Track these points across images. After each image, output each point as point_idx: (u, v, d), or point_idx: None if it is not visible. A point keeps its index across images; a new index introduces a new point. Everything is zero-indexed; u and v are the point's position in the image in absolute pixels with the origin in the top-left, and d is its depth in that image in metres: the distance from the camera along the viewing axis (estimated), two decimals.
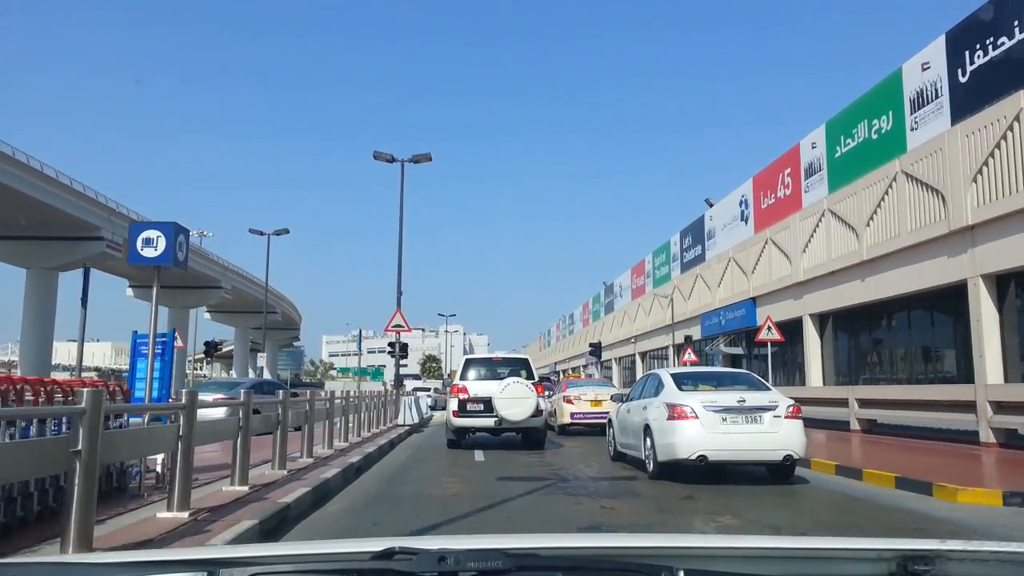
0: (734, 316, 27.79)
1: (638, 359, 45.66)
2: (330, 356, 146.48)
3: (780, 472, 9.52)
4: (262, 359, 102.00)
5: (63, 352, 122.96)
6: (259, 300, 79.94)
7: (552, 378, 76.04)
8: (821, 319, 22.00)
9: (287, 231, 32.24)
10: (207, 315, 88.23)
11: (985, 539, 4.01)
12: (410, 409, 20.99)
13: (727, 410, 9.27)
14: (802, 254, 22.31)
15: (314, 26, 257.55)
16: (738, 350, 28.20)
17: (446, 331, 70.81)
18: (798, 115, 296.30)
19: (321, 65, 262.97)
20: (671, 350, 38.27)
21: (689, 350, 26.51)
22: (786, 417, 9.30)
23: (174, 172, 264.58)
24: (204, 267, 63.67)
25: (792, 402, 9.54)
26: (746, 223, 27.61)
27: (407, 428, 19.19)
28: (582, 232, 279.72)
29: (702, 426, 9.19)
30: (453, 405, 14.42)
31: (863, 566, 1.49)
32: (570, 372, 63.60)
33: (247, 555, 1.43)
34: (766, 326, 19.72)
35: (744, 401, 9.35)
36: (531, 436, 14.36)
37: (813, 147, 22.17)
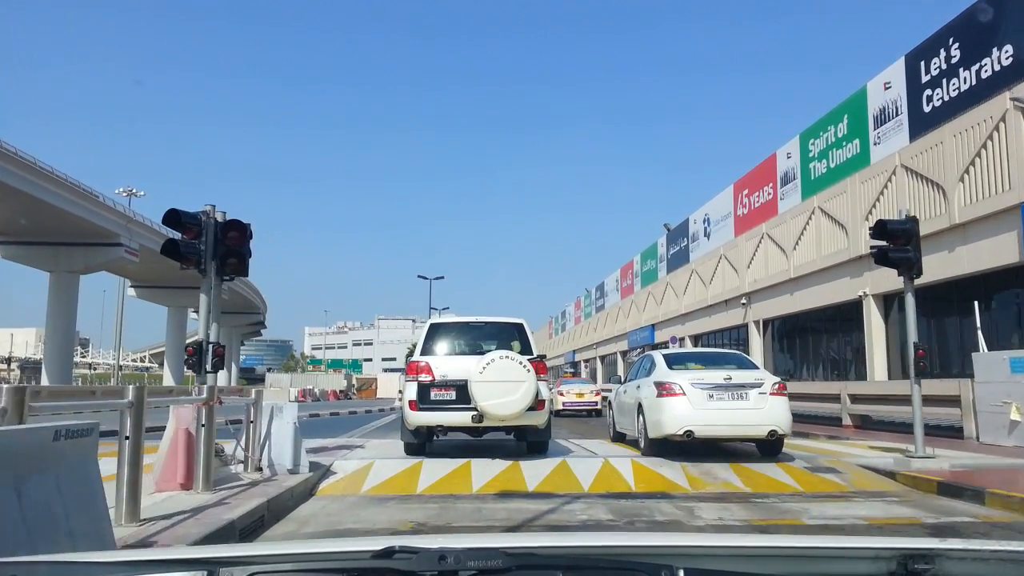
0: None
1: (753, 330, 27.11)
2: (313, 349, 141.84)
3: (768, 448, 9.99)
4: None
5: (3, 340, 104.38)
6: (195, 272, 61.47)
7: (570, 370, 57.92)
8: None
9: None
10: (132, 291, 69.31)
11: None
12: None
13: (714, 387, 9.54)
14: None
15: (314, 19, 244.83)
16: None
17: (432, 309, 52.90)
18: (798, 111, 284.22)
19: (322, 57, 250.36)
20: (871, 306, 19.85)
21: None
22: (771, 394, 9.52)
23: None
24: (89, 213, 44.59)
25: (778, 380, 9.78)
26: None
27: None
28: (581, 226, 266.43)
29: (689, 403, 9.46)
30: (411, 393, 10.03)
31: (863, 565, 1.46)
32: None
33: (247, 554, 1.41)
34: None
35: (730, 379, 9.60)
36: (529, 438, 10.43)
37: None
